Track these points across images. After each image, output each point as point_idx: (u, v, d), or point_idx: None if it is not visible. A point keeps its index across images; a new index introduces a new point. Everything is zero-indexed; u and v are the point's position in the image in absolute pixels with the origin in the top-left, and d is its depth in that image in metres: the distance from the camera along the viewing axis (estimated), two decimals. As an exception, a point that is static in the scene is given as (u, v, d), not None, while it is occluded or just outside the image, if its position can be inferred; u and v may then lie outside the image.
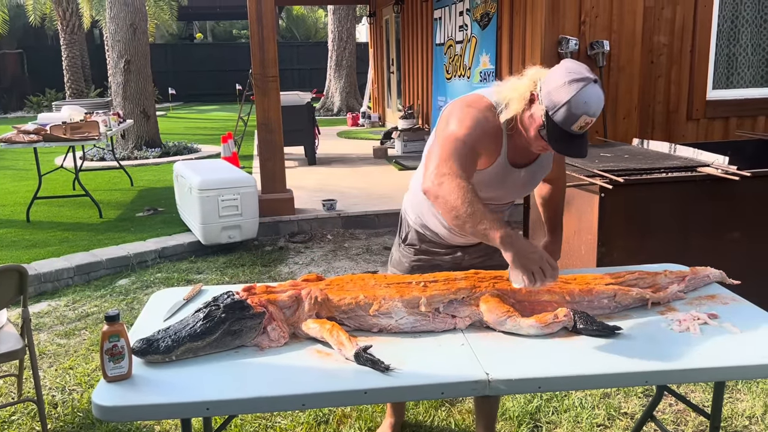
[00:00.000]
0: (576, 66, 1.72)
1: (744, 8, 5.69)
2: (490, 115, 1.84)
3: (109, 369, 1.48)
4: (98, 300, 4.20)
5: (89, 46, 21.29)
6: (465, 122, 1.83)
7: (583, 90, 1.66)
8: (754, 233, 3.18)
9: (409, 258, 2.21)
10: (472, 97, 1.92)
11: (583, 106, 1.67)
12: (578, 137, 1.73)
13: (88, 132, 6.10)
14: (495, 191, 1.97)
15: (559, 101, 1.68)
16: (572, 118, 1.68)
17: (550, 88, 1.71)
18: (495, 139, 1.86)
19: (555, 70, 1.74)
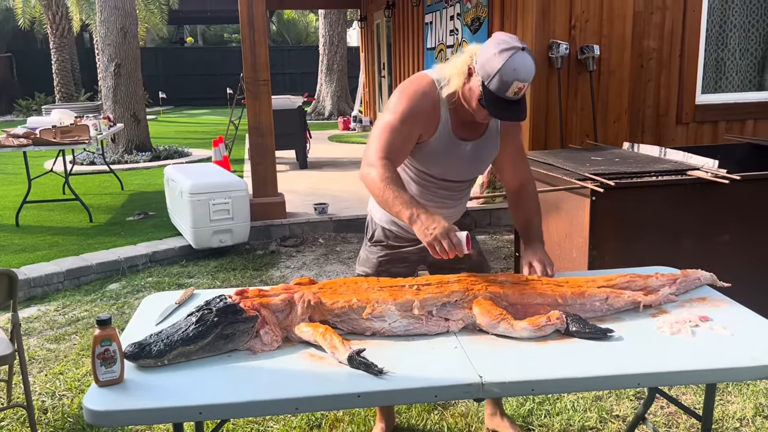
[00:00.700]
0: (505, 36, 1.85)
1: (732, 13, 5.75)
2: (429, 91, 1.98)
3: (100, 373, 1.47)
4: (88, 305, 4.18)
5: (79, 49, 21.20)
6: (398, 106, 1.98)
7: (512, 58, 1.79)
8: (744, 236, 3.20)
9: (377, 254, 2.29)
10: (415, 76, 2.07)
11: (513, 73, 1.79)
12: (514, 103, 1.86)
13: (78, 136, 6.07)
14: (444, 166, 2.08)
15: (492, 70, 1.81)
16: (505, 85, 1.80)
17: (483, 60, 1.84)
18: (432, 112, 1.99)
19: (487, 43, 1.87)
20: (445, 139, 2.03)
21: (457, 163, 2.09)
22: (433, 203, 2.14)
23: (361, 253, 2.38)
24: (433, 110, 1.99)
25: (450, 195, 2.19)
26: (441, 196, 2.17)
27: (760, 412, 2.72)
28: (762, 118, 5.85)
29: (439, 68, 2.01)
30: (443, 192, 2.17)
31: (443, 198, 2.18)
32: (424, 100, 1.98)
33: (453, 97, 1.96)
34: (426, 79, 2.02)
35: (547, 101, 5.61)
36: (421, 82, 2.02)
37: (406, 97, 1.99)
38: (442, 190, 2.16)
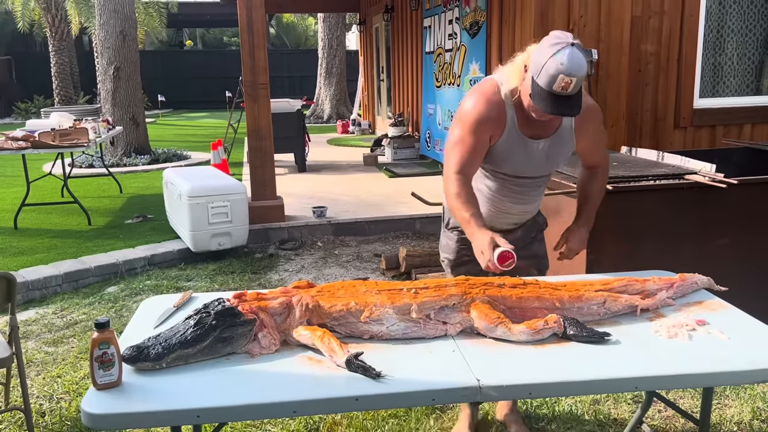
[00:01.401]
0: (559, 33, 1.89)
1: (729, 18, 5.77)
2: (492, 94, 2.06)
3: (98, 376, 1.48)
4: (87, 307, 4.17)
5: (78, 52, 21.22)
6: (464, 117, 2.08)
7: (559, 52, 1.83)
8: (741, 240, 3.21)
9: (454, 240, 2.39)
10: (480, 82, 2.15)
11: (559, 67, 1.82)
12: (565, 98, 1.88)
13: (77, 139, 6.07)
14: (517, 163, 2.14)
15: (540, 65, 1.86)
16: (551, 78, 1.84)
17: (535, 55, 1.90)
18: (498, 115, 2.06)
19: (543, 39, 1.91)
20: (513, 138, 2.10)
21: (528, 160, 2.14)
22: (508, 199, 2.24)
23: (442, 240, 2.49)
24: (498, 113, 2.06)
25: (524, 191, 2.25)
26: (516, 192, 2.23)
27: (757, 416, 2.73)
28: (759, 122, 5.87)
29: (503, 69, 2.09)
30: (517, 188, 2.22)
31: (518, 194, 2.24)
32: (488, 106, 2.05)
33: (514, 96, 2.03)
34: (490, 83, 2.10)
35: (545, 105, 5.61)
36: (484, 87, 2.10)
37: (470, 106, 2.08)
38: (516, 186, 2.22)
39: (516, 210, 2.28)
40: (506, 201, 2.24)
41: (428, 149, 9.31)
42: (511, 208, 2.27)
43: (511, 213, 2.28)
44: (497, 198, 2.25)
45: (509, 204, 2.25)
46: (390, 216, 5.98)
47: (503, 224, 2.30)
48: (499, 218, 2.28)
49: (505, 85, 2.04)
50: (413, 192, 3.68)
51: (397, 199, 6.71)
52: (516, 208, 2.27)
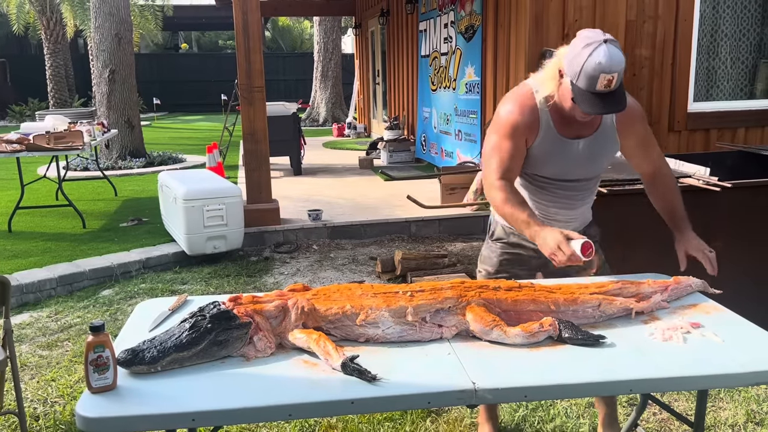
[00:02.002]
0: (588, 32, 1.87)
1: (723, 23, 5.81)
2: (524, 99, 2.06)
3: (93, 380, 1.47)
4: (81, 311, 4.16)
5: (73, 55, 21.17)
6: (498, 123, 2.08)
7: (595, 51, 1.80)
8: (735, 243, 3.22)
9: (497, 252, 2.34)
10: (517, 88, 2.15)
11: (598, 67, 1.80)
12: (608, 95, 1.85)
13: (71, 142, 6.06)
14: (557, 165, 2.12)
15: (578, 68, 1.84)
16: (592, 80, 1.82)
17: (569, 59, 1.87)
18: (531, 119, 2.05)
19: (573, 41, 1.89)
20: (550, 140, 2.08)
21: (569, 161, 2.12)
22: (553, 204, 2.20)
23: (483, 251, 2.42)
24: (531, 116, 2.05)
25: (570, 195, 2.20)
26: (560, 196, 2.19)
27: (751, 419, 2.74)
28: (753, 126, 5.90)
29: (536, 75, 2.08)
30: (562, 192, 2.18)
31: (563, 198, 2.20)
32: (521, 109, 2.05)
33: (549, 102, 2.02)
34: (523, 88, 2.10)
35: (540, 109, 5.63)
36: (517, 92, 2.10)
37: (506, 109, 2.08)
38: (561, 190, 2.18)
39: (562, 216, 2.21)
40: (551, 206, 2.19)
41: (424, 152, 9.32)
42: (557, 214, 2.21)
43: (557, 220, 2.20)
44: (542, 204, 2.20)
45: (554, 209, 2.20)
46: (385, 219, 5.99)
47: None
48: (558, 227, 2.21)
49: (539, 92, 2.03)
50: (409, 195, 3.69)
51: (392, 202, 6.72)
52: (562, 213, 2.21)
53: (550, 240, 1.91)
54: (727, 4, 5.79)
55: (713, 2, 5.76)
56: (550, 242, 1.91)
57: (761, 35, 5.93)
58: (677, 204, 2.23)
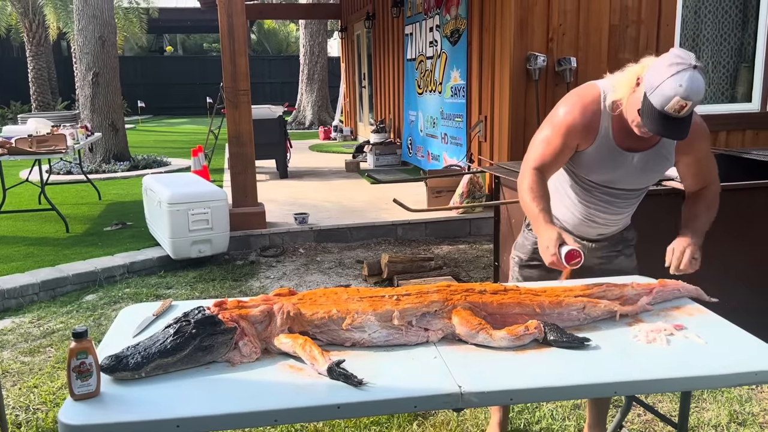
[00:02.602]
0: (681, 52, 1.81)
1: (704, 27, 5.88)
2: (590, 102, 2.02)
3: (76, 387, 1.45)
4: (64, 316, 4.12)
5: (56, 58, 20.98)
6: (557, 118, 2.05)
7: (680, 73, 1.75)
8: (716, 245, 3.26)
9: (531, 241, 2.34)
10: (582, 87, 2.11)
11: (676, 88, 1.74)
12: (674, 120, 1.81)
13: (54, 145, 6.00)
14: (607, 173, 2.10)
15: (657, 82, 1.78)
16: (666, 99, 1.76)
17: (652, 71, 1.81)
18: (591, 124, 2.02)
19: (663, 56, 1.84)
20: (605, 149, 2.05)
21: (620, 172, 2.10)
22: (594, 207, 2.20)
23: (518, 238, 2.45)
24: (592, 122, 2.02)
25: (613, 201, 2.19)
26: (603, 200, 2.19)
27: (734, 419, 2.77)
28: (734, 129, 5.98)
29: (612, 77, 2.02)
30: (605, 197, 2.18)
31: (605, 203, 2.19)
32: (583, 113, 2.01)
33: (617, 108, 1.97)
34: (592, 90, 2.05)
35: (525, 112, 5.67)
36: (585, 93, 2.06)
37: (567, 109, 2.04)
38: (604, 195, 2.17)
39: (601, 219, 2.22)
40: (591, 208, 2.19)
41: (410, 156, 9.34)
42: (596, 216, 2.21)
43: (596, 222, 2.22)
44: (583, 205, 2.20)
45: (594, 212, 2.20)
46: (372, 222, 5.99)
47: (589, 233, 2.25)
48: (585, 226, 2.23)
49: (610, 95, 1.97)
50: (395, 198, 3.69)
51: (378, 205, 6.72)
52: (602, 217, 2.21)
53: (545, 238, 1.95)
54: (708, 9, 5.87)
55: (695, 7, 5.83)
56: (544, 240, 1.95)
57: (741, 40, 6.02)
58: (703, 218, 2.15)
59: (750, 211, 3.29)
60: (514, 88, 5.60)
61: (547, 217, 2.01)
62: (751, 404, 2.88)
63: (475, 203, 5.98)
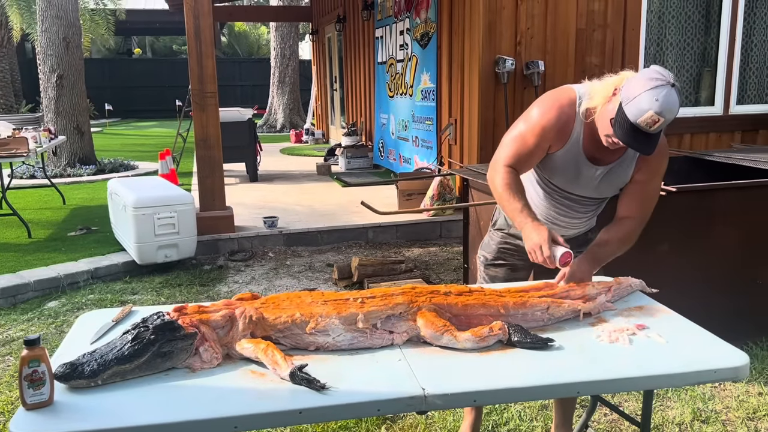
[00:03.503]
0: (661, 69, 1.84)
1: (668, 32, 6.00)
2: (567, 105, 2.02)
3: (28, 396, 1.41)
4: (25, 324, 4.01)
5: (20, 60, 20.50)
6: (533, 118, 2.05)
7: (657, 88, 1.77)
8: (680, 245, 3.32)
9: (497, 241, 2.39)
10: (558, 89, 2.11)
11: (652, 102, 1.76)
12: (644, 134, 1.81)
13: (15, 148, 5.86)
14: (569, 180, 2.12)
15: (634, 94, 1.79)
16: (640, 111, 1.77)
17: (631, 83, 1.83)
18: (564, 127, 2.02)
19: (643, 70, 1.86)
20: (573, 155, 2.05)
21: (581, 181, 2.11)
22: (553, 210, 2.21)
23: (485, 238, 2.47)
24: (566, 126, 2.02)
25: (571, 206, 2.20)
26: (563, 205, 2.20)
27: (698, 417, 2.81)
28: (697, 132, 6.10)
29: (589, 84, 2.01)
30: (566, 202, 2.19)
31: (565, 207, 2.21)
32: (559, 116, 2.01)
33: (589, 115, 1.97)
34: (568, 93, 2.05)
35: (494, 115, 5.71)
36: (561, 95, 2.05)
37: (543, 110, 2.04)
38: (565, 200, 2.19)
39: (562, 222, 2.24)
40: (552, 211, 2.21)
41: (381, 159, 9.34)
42: (557, 219, 2.24)
43: (557, 225, 2.23)
44: (545, 206, 2.22)
45: (554, 214, 2.22)
46: (343, 225, 5.96)
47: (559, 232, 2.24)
48: (555, 227, 2.23)
49: (585, 101, 1.98)
50: (363, 201, 3.68)
51: (349, 208, 6.70)
52: (562, 220, 2.24)
53: (535, 236, 1.94)
54: (672, 15, 5.98)
55: (659, 12, 5.94)
56: (534, 238, 1.94)
57: (704, 45, 6.15)
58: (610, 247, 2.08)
59: (711, 212, 3.35)
60: (483, 91, 5.64)
61: (531, 214, 2.01)
62: (714, 402, 2.93)
63: (445, 206, 6.00)
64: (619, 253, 2.12)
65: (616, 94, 1.87)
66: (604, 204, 2.28)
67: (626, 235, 2.10)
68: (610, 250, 2.10)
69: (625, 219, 2.11)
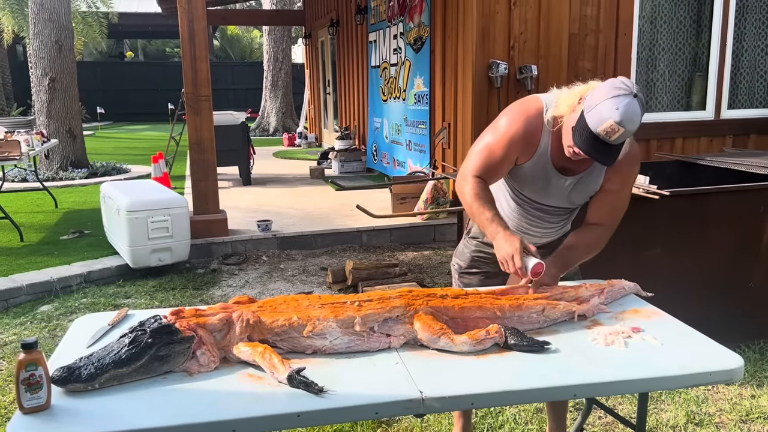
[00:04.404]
0: (625, 80, 1.83)
1: (660, 37, 6.04)
2: (534, 115, 2.00)
3: (25, 400, 1.40)
4: (17, 328, 3.98)
5: (11, 62, 20.41)
6: (501, 128, 2.03)
7: (618, 97, 1.76)
8: (674, 249, 3.34)
9: (471, 249, 2.38)
10: (526, 99, 2.09)
11: (612, 111, 1.74)
12: (603, 143, 1.80)
13: (8, 152, 5.83)
14: (538, 193, 2.12)
15: (595, 103, 1.79)
16: (600, 120, 1.76)
17: (594, 92, 1.82)
18: (532, 138, 2.00)
19: (609, 80, 1.85)
20: (542, 166, 2.04)
21: (551, 192, 2.10)
22: (525, 221, 2.20)
23: (459, 245, 2.47)
24: (533, 136, 2.00)
25: (543, 217, 2.20)
26: (534, 215, 2.19)
27: (691, 419, 2.83)
28: (689, 136, 6.14)
29: (556, 92, 1.99)
30: (537, 213, 2.18)
31: (536, 218, 2.20)
32: (526, 127, 1.99)
33: (556, 123, 1.95)
34: (535, 103, 2.03)
35: (487, 119, 5.72)
36: (529, 106, 2.03)
37: (510, 120, 2.02)
38: (536, 210, 2.18)
39: (535, 232, 2.24)
40: (524, 221, 2.21)
41: (375, 162, 9.34)
42: (530, 230, 2.23)
43: (530, 234, 2.23)
44: (516, 217, 2.21)
45: (526, 225, 2.22)
46: (336, 229, 5.96)
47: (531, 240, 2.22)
48: (528, 235, 2.23)
49: (551, 110, 1.96)
50: (358, 205, 3.68)
51: (343, 212, 6.70)
52: (535, 230, 2.23)
53: (507, 246, 1.92)
54: (663, 20, 6.02)
55: (651, 17, 5.99)
56: (506, 248, 1.92)
57: (696, 50, 6.19)
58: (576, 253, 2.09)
59: (704, 216, 3.38)
60: (477, 95, 5.65)
61: (502, 223, 1.99)
62: (707, 405, 2.95)
63: (439, 209, 6.01)
64: (586, 258, 2.13)
65: (580, 103, 1.85)
66: (576, 211, 2.28)
67: (595, 241, 2.11)
68: (577, 255, 2.12)
69: (594, 225, 2.11)
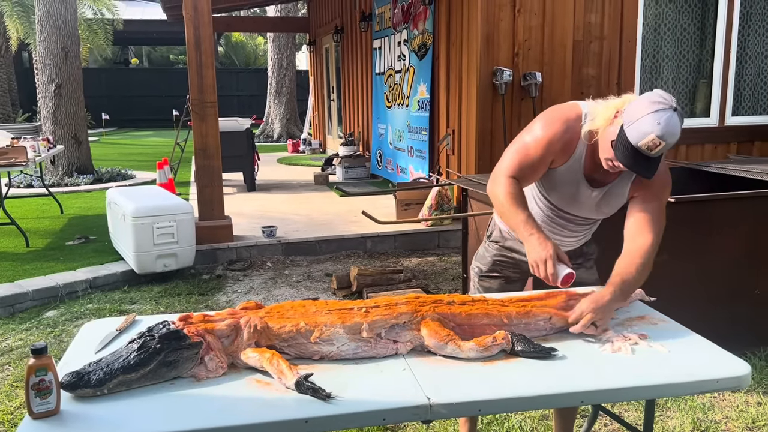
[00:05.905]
0: (664, 94, 1.82)
1: (664, 44, 6.05)
2: (573, 121, 2.00)
3: (35, 405, 1.41)
4: (23, 333, 4.00)
5: (17, 69, 20.53)
6: (539, 130, 2.01)
7: (659, 112, 1.76)
8: (680, 256, 3.33)
9: (492, 253, 2.38)
10: (566, 104, 2.08)
11: (654, 125, 1.75)
12: (644, 157, 1.80)
13: (14, 158, 5.86)
14: (566, 200, 2.11)
15: (635, 117, 1.78)
16: (642, 134, 1.76)
17: (633, 106, 1.82)
18: (569, 144, 2.00)
19: (646, 94, 1.84)
20: (574, 174, 2.04)
21: (578, 201, 2.09)
22: (547, 227, 2.18)
23: (479, 249, 2.45)
24: (571, 141, 2.00)
25: (567, 225, 2.19)
26: (558, 224, 2.19)
27: (697, 427, 2.82)
28: (694, 144, 6.15)
29: (593, 103, 1.99)
30: (560, 221, 2.18)
31: (559, 226, 2.20)
32: (566, 130, 1.99)
33: (592, 137, 1.95)
34: (575, 109, 2.02)
35: (492, 126, 5.74)
36: (569, 111, 2.03)
37: (550, 123, 2.01)
38: (560, 218, 2.18)
39: (557, 240, 2.20)
40: (545, 228, 2.17)
41: (379, 168, 9.36)
42: (551, 237, 2.16)
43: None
44: (541, 222, 2.18)
45: (547, 232, 2.15)
46: (341, 235, 5.97)
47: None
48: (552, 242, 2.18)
49: (589, 121, 1.95)
50: (364, 211, 3.69)
51: (347, 218, 6.71)
52: (556, 238, 2.20)
53: (540, 251, 1.91)
54: (667, 27, 6.04)
55: (655, 25, 6.00)
56: (539, 252, 1.91)
57: (700, 57, 6.21)
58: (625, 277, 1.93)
59: (710, 222, 3.38)
60: (481, 102, 5.67)
61: (536, 226, 1.97)
62: (713, 412, 2.94)
63: (443, 215, 6.02)
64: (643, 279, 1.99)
65: (617, 117, 1.87)
66: (598, 224, 2.27)
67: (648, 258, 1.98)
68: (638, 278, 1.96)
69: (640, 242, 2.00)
